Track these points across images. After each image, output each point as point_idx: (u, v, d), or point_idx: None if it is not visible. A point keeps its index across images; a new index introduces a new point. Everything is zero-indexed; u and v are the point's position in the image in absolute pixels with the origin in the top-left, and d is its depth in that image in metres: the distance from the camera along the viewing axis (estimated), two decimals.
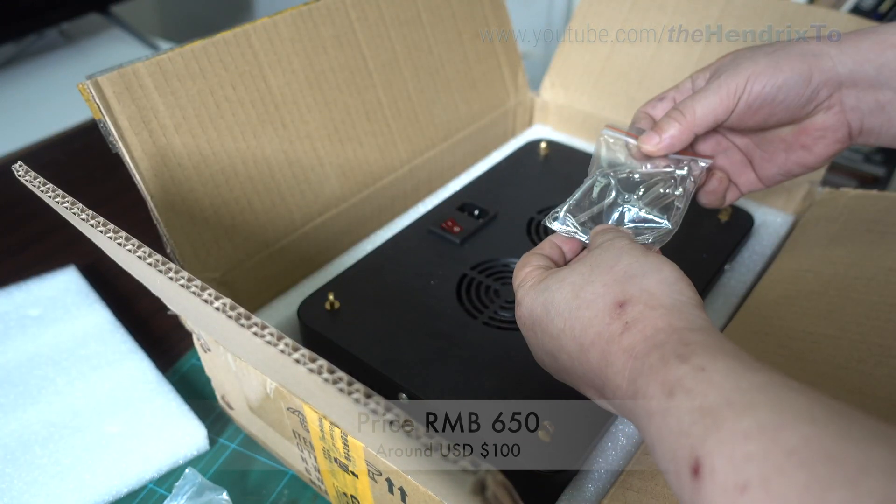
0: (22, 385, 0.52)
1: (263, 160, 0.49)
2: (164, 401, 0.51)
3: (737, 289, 0.52)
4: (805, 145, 0.41)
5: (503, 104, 0.69)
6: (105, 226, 0.31)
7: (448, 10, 0.62)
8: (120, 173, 0.44)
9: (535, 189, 0.59)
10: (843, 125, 0.39)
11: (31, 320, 0.58)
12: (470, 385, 0.41)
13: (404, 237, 0.54)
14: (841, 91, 0.38)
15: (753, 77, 0.38)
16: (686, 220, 0.40)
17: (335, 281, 0.49)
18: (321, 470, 0.41)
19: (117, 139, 0.42)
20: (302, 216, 0.52)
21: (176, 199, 0.45)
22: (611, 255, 0.33)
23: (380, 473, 0.35)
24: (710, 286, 0.51)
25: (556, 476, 0.38)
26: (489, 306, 0.47)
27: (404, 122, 0.59)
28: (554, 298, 0.33)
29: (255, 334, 0.25)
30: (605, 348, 0.30)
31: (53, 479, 0.46)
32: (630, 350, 0.29)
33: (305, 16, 0.51)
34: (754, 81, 0.38)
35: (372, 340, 0.44)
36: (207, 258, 0.47)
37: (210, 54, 0.46)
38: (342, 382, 0.23)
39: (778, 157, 0.43)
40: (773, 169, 0.43)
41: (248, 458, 0.50)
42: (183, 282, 0.28)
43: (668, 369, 0.26)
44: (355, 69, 0.55)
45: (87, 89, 0.40)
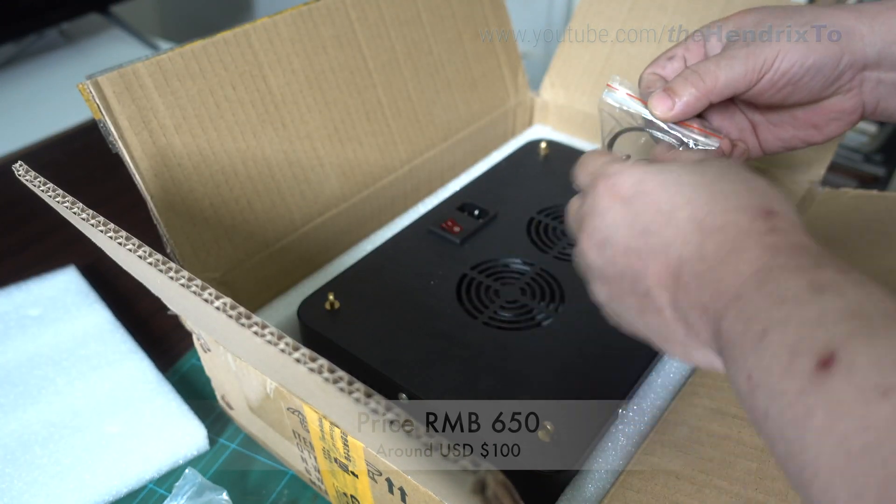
0: (22, 385, 0.52)
1: (263, 160, 0.49)
2: (164, 401, 0.51)
3: None
4: (816, 124, 0.40)
5: (503, 104, 0.69)
6: (105, 225, 0.31)
7: (448, 10, 0.62)
8: (120, 173, 0.44)
9: (535, 189, 0.59)
10: (858, 107, 0.38)
11: (30, 320, 0.58)
12: (470, 385, 0.41)
13: (404, 237, 0.54)
14: (864, 72, 0.37)
15: (783, 53, 0.35)
16: None
17: (335, 281, 0.49)
18: (321, 470, 0.41)
19: (117, 139, 0.42)
20: (302, 216, 0.52)
21: (176, 199, 0.45)
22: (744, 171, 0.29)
23: (380, 473, 0.35)
24: None
25: (556, 476, 0.38)
26: (489, 306, 0.47)
27: (404, 122, 0.59)
28: (680, 178, 0.29)
29: (255, 334, 0.25)
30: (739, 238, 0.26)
31: (53, 479, 0.46)
32: (774, 246, 0.25)
33: (305, 16, 0.51)
34: (783, 58, 0.35)
35: (372, 340, 0.44)
36: (207, 258, 0.47)
37: (210, 54, 0.46)
38: (342, 382, 0.23)
39: (784, 132, 0.41)
40: (777, 142, 0.41)
41: (248, 458, 0.49)
42: (183, 281, 0.28)
43: (822, 272, 0.23)
44: (355, 69, 0.55)
45: (86, 89, 0.40)
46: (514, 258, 0.51)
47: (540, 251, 0.52)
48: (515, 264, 0.51)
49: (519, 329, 0.45)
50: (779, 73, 0.36)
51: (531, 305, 0.47)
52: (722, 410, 0.40)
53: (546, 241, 0.53)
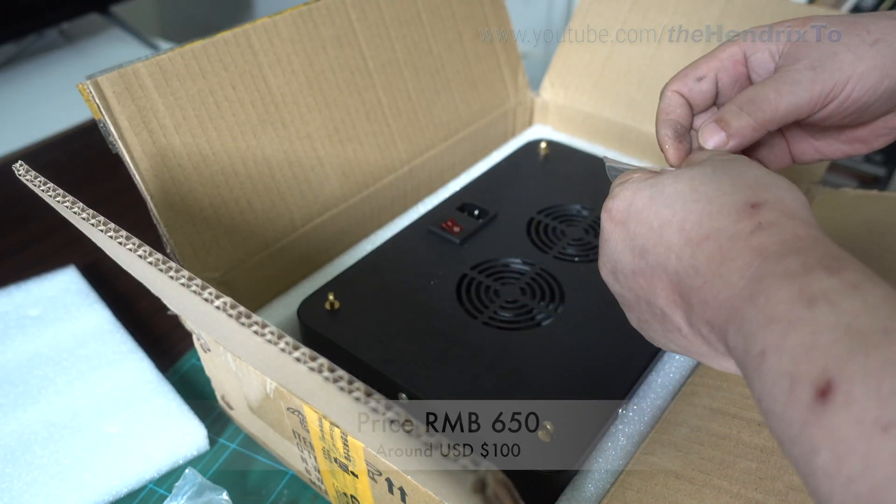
0: (22, 385, 0.52)
1: (263, 160, 0.49)
2: (164, 401, 0.51)
3: None
4: (865, 140, 0.36)
5: (503, 104, 0.69)
6: (105, 225, 0.31)
7: (448, 10, 0.62)
8: (120, 173, 0.44)
9: (535, 189, 0.59)
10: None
11: (30, 320, 0.58)
12: (470, 385, 0.41)
13: (404, 237, 0.54)
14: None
15: (856, 78, 0.31)
16: None
17: (335, 281, 0.49)
18: (321, 470, 0.41)
19: (117, 139, 0.42)
20: (302, 216, 0.52)
21: (176, 199, 0.45)
22: (737, 164, 0.28)
23: (380, 473, 0.35)
24: None
25: (556, 476, 0.38)
26: (489, 306, 0.47)
27: (404, 122, 0.59)
28: (664, 190, 0.28)
29: (255, 333, 0.25)
30: (725, 245, 0.25)
31: (53, 479, 0.46)
32: (760, 250, 0.24)
33: (305, 16, 0.51)
34: (855, 85, 0.31)
35: (372, 340, 0.44)
36: (207, 258, 0.47)
37: (210, 54, 0.46)
38: (342, 381, 0.23)
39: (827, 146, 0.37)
40: (815, 154, 0.38)
41: (248, 458, 0.49)
42: (183, 280, 0.28)
43: (812, 278, 0.22)
44: (355, 69, 0.55)
45: (86, 89, 0.40)
46: (514, 258, 0.51)
47: (540, 251, 0.52)
48: (515, 264, 0.51)
49: (519, 329, 0.45)
50: (849, 101, 0.31)
51: (531, 305, 0.47)
52: (722, 410, 0.40)
53: (546, 241, 0.53)
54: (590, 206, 0.57)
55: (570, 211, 0.57)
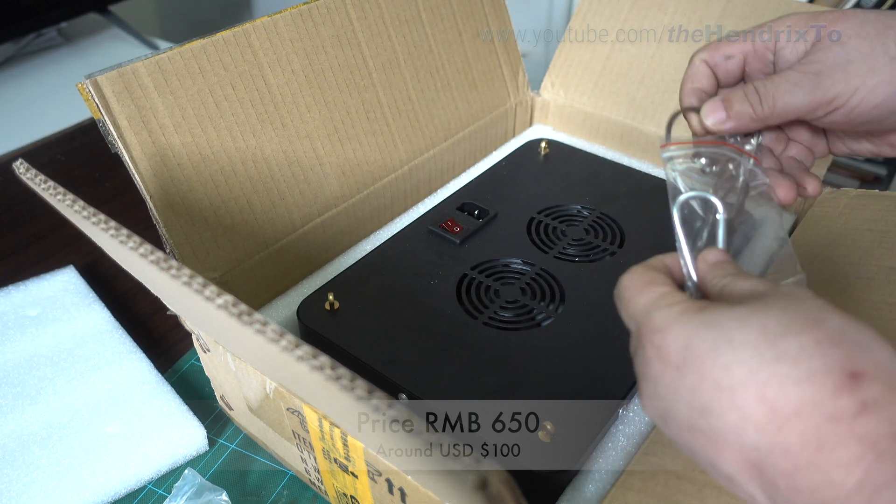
0: (20, 385, 0.52)
1: (263, 160, 0.49)
2: (164, 401, 0.51)
3: None
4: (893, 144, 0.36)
5: (503, 104, 0.69)
6: (107, 223, 0.31)
7: (448, 9, 0.62)
8: (119, 173, 0.44)
9: (535, 189, 0.59)
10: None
11: (29, 320, 0.58)
12: (470, 385, 0.41)
13: (404, 237, 0.54)
14: None
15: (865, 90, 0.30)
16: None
17: (335, 281, 0.49)
18: (321, 470, 0.41)
19: (117, 139, 0.42)
20: (301, 216, 0.52)
21: (175, 199, 0.45)
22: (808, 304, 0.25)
23: (379, 474, 0.35)
24: None
25: (557, 476, 0.38)
26: (489, 306, 0.47)
27: (404, 121, 0.59)
28: (732, 338, 0.24)
29: (256, 332, 0.25)
30: (822, 426, 0.22)
31: (52, 479, 0.46)
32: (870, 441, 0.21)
33: (305, 15, 0.51)
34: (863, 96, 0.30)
35: (372, 340, 0.44)
36: (207, 258, 0.47)
37: (210, 54, 0.46)
38: (344, 379, 0.23)
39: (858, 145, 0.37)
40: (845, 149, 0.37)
41: (248, 458, 0.49)
42: (185, 279, 0.28)
43: None
44: (355, 69, 0.55)
45: (86, 89, 0.40)
46: (514, 258, 0.51)
47: (540, 251, 0.52)
48: (515, 264, 0.51)
49: (519, 329, 0.45)
50: (855, 112, 0.31)
51: (531, 305, 0.47)
52: None
53: (546, 241, 0.53)
54: (590, 206, 0.57)
55: (570, 211, 0.57)
